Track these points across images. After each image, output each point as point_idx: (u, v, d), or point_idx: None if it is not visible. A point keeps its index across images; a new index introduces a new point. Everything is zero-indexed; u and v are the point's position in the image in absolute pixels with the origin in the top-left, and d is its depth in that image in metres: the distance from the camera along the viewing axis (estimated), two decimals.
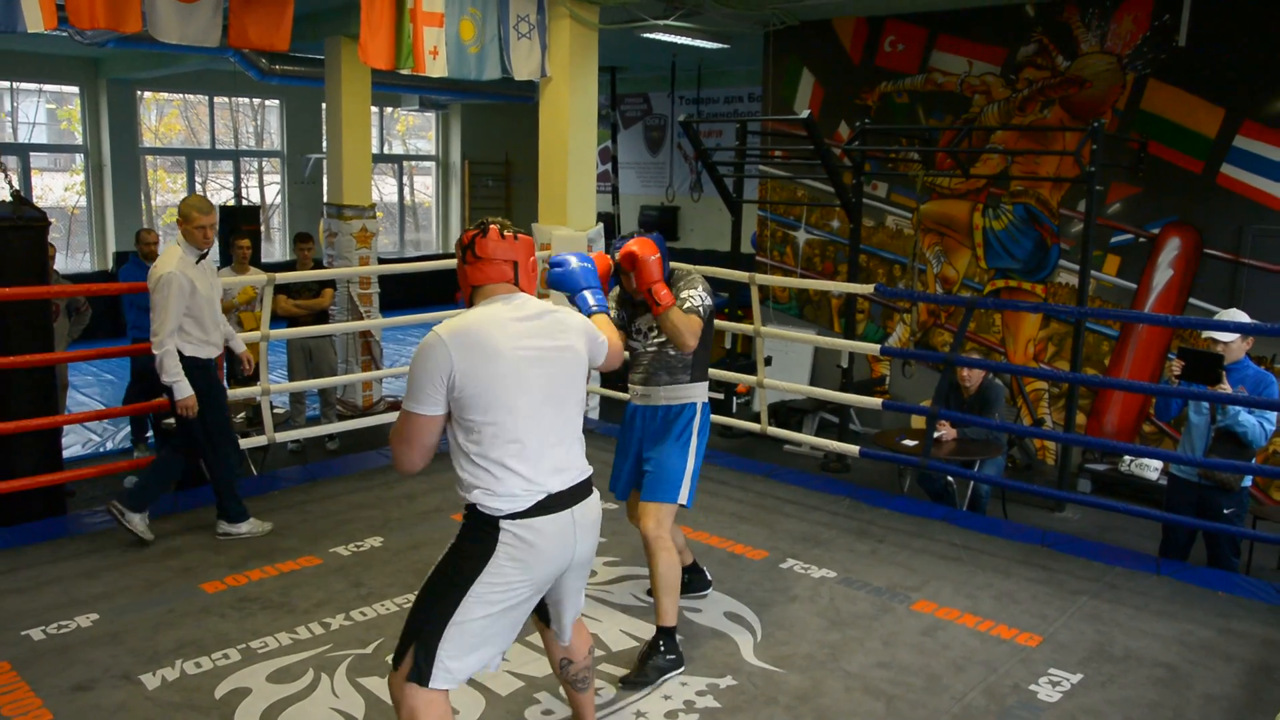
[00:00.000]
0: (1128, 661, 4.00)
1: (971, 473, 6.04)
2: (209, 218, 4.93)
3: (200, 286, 4.90)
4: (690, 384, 4.01)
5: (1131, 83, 7.60)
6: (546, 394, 2.67)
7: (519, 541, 2.60)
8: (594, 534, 2.80)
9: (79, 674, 3.73)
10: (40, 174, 13.33)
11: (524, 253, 2.76)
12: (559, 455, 2.69)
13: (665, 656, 3.77)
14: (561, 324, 2.76)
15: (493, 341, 2.59)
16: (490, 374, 2.57)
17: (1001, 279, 8.43)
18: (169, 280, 4.75)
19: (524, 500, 2.61)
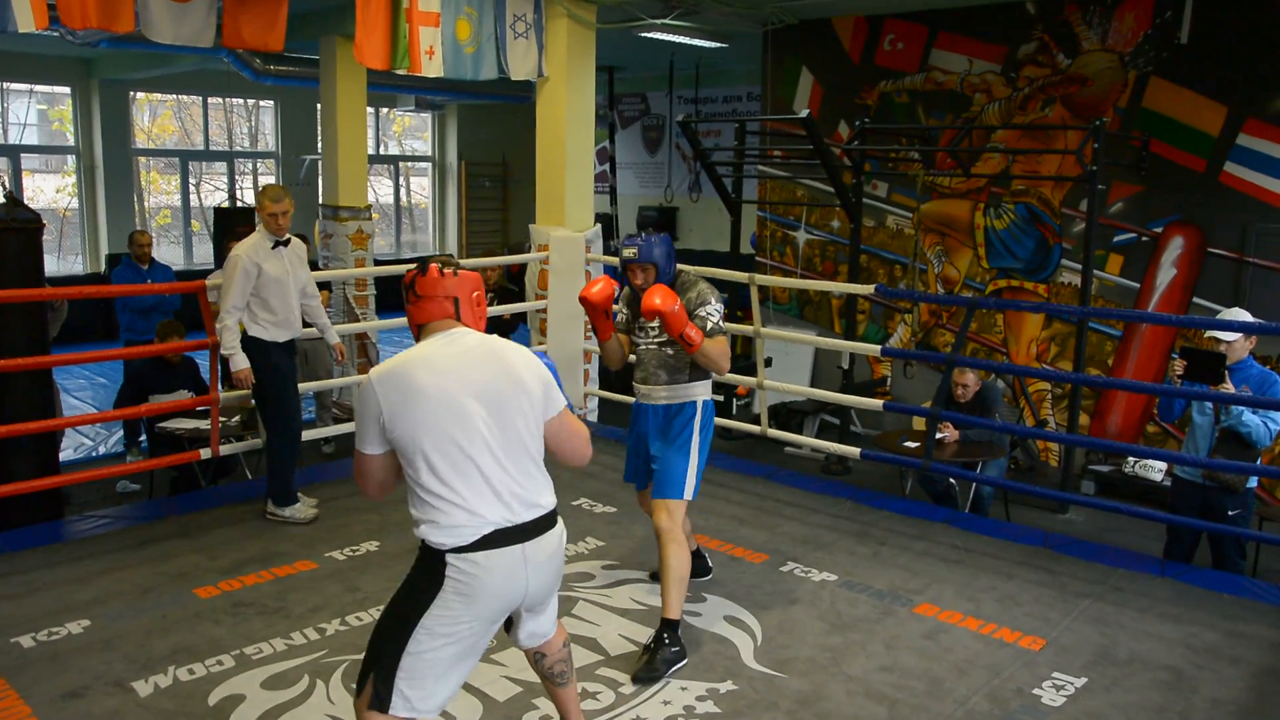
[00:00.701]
0: (1132, 665, 3.95)
1: (973, 474, 6.00)
2: (279, 205, 5.13)
3: (271, 271, 5.14)
4: (690, 383, 4.11)
5: (1133, 81, 7.56)
6: (489, 427, 2.62)
7: (464, 575, 2.58)
8: (550, 569, 2.73)
9: (70, 681, 3.68)
10: (31, 175, 13.27)
11: (466, 288, 2.77)
12: (507, 489, 2.63)
13: (670, 649, 3.81)
14: (504, 358, 2.71)
15: (417, 380, 2.59)
16: (417, 412, 2.57)
17: (1003, 279, 8.39)
18: (234, 261, 5.10)
19: (468, 534, 2.58)
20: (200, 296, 5.55)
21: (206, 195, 14.58)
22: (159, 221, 14.25)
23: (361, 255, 8.99)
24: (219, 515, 5.42)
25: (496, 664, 3.81)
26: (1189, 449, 5.09)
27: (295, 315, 5.33)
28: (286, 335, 5.29)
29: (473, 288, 2.80)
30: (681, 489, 4.00)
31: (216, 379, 5.68)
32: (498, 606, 2.65)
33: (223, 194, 14.10)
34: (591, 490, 5.91)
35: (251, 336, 5.18)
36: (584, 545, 5.06)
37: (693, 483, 4.04)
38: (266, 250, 5.17)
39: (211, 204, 13.85)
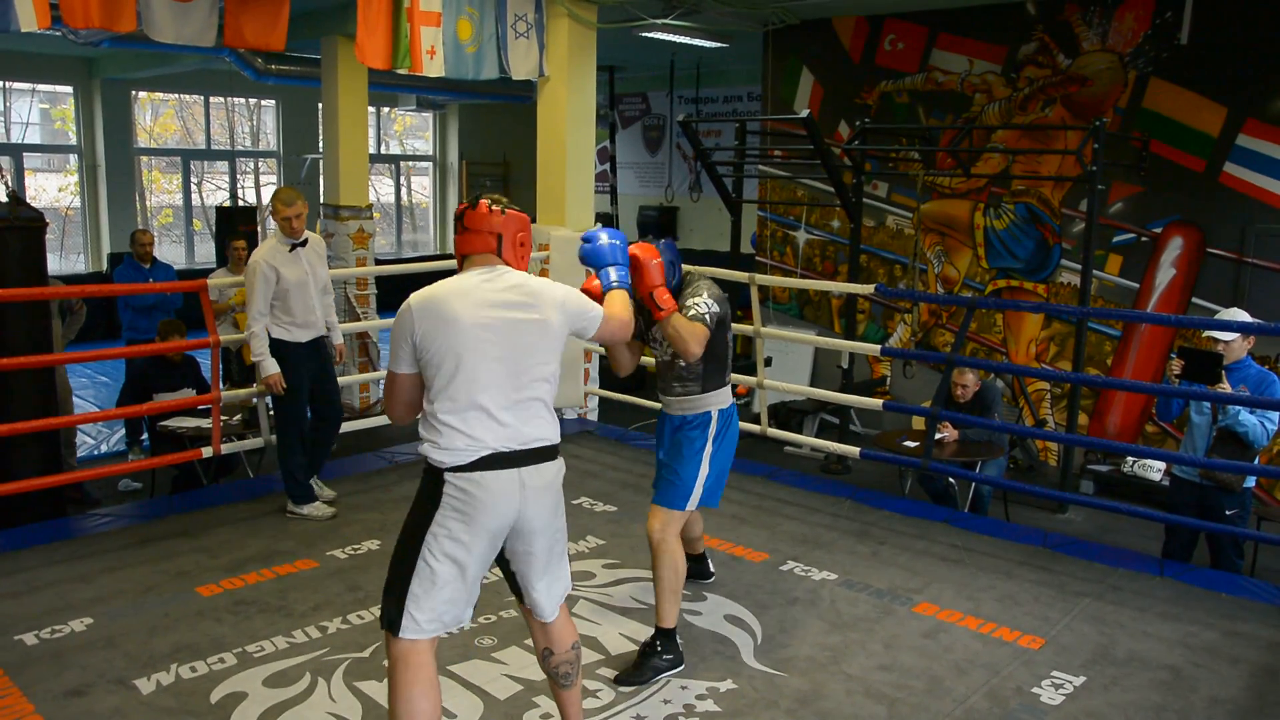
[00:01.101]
0: (1131, 664, 3.96)
1: (973, 474, 6.01)
2: (292, 209, 5.16)
3: (288, 274, 5.16)
4: (703, 394, 3.93)
5: (1133, 81, 7.57)
6: (502, 361, 2.80)
7: (461, 493, 2.75)
8: (546, 499, 2.87)
9: (73, 679, 3.69)
10: (34, 174, 13.29)
11: (511, 227, 2.93)
12: (510, 419, 2.80)
13: (663, 657, 3.76)
14: (534, 295, 2.88)
15: (451, 308, 2.78)
16: (445, 338, 2.77)
17: (1003, 279, 8.40)
18: (252, 268, 5.13)
19: (466, 455, 2.76)
20: (201, 295, 5.56)
21: (208, 194, 14.60)
22: (161, 221, 14.26)
23: (363, 254, 9.00)
24: (220, 514, 5.43)
25: (498, 662, 3.82)
26: (1187, 449, 5.10)
27: (317, 315, 5.35)
28: (308, 335, 5.32)
29: (518, 228, 2.95)
30: (682, 499, 3.85)
31: (218, 377, 5.69)
32: (496, 525, 2.79)
33: (224, 193, 14.11)
34: (592, 489, 5.92)
35: (273, 339, 5.22)
36: (585, 544, 5.08)
37: (698, 494, 3.90)
38: (284, 254, 5.19)
39: (213, 203, 13.86)
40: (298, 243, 5.24)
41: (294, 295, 5.19)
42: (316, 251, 5.40)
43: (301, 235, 5.25)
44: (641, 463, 6.47)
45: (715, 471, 3.96)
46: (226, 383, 6.78)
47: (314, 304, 5.31)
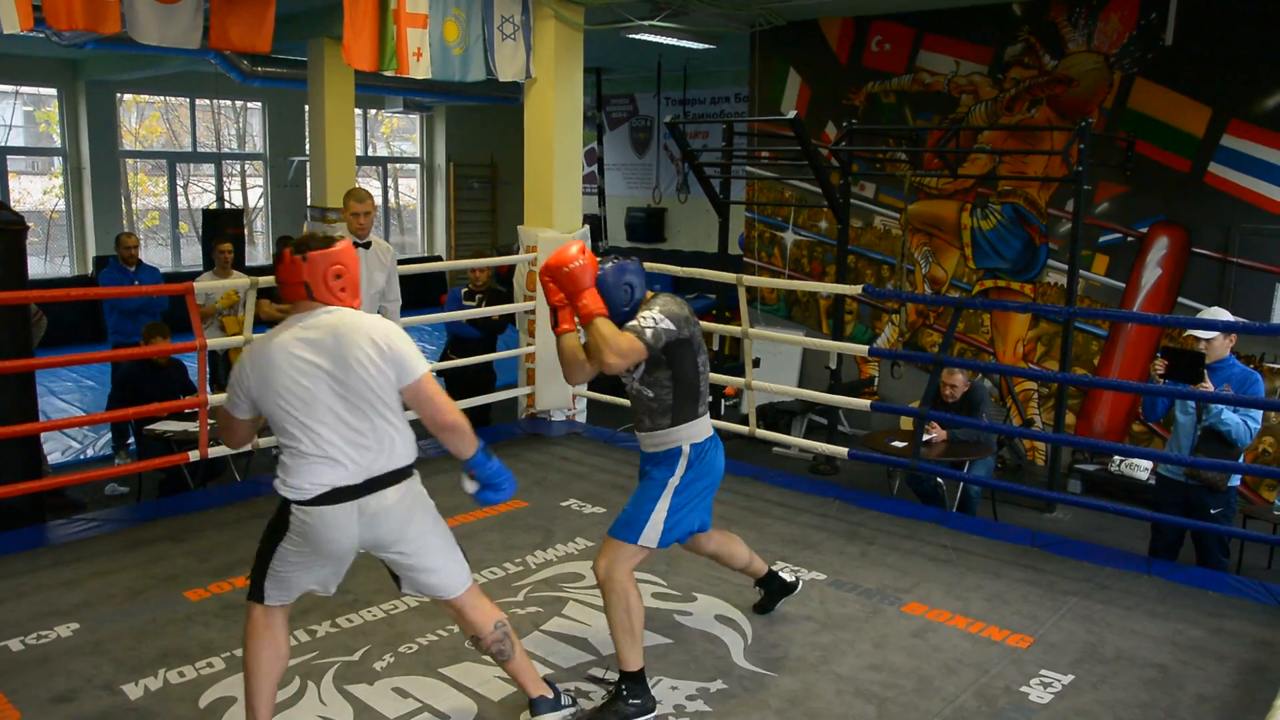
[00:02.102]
0: (1119, 662, 3.98)
1: (961, 474, 6.02)
2: (363, 205, 5.44)
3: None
4: (673, 427, 3.59)
5: (1119, 82, 7.61)
6: (328, 404, 2.98)
7: (301, 524, 3.02)
8: (390, 520, 3.06)
9: (60, 685, 3.66)
10: (18, 177, 13.21)
11: (318, 269, 3.06)
12: (346, 456, 2.99)
13: (629, 702, 3.45)
14: (346, 340, 3.00)
15: (271, 358, 2.99)
16: (267, 386, 2.99)
17: (990, 279, 8.43)
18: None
19: (307, 492, 2.99)
20: (188, 299, 5.53)
21: (194, 197, 14.54)
22: (147, 224, 14.19)
23: None
24: (208, 518, 5.41)
25: (489, 664, 3.81)
26: (1172, 448, 5.13)
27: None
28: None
29: (326, 267, 3.06)
30: (634, 533, 3.51)
31: (205, 381, 5.66)
32: (335, 550, 3.07)
33: (210, 196, 14.06)
34: (581, 492, 5.92)
35: None
36: (573, 546, 5.07)
37: (654, 531, 3.52)
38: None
39: (199, 206, 13.80)
40: (362, 243, 5.42)
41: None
42: (380, 259, 5.55)
43: (367, 235, 5.46)
44: (629, 464, 6.46)
45: (681, 510, 3.59)
46: (213, 386, 6.75)
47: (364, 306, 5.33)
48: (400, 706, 3.54)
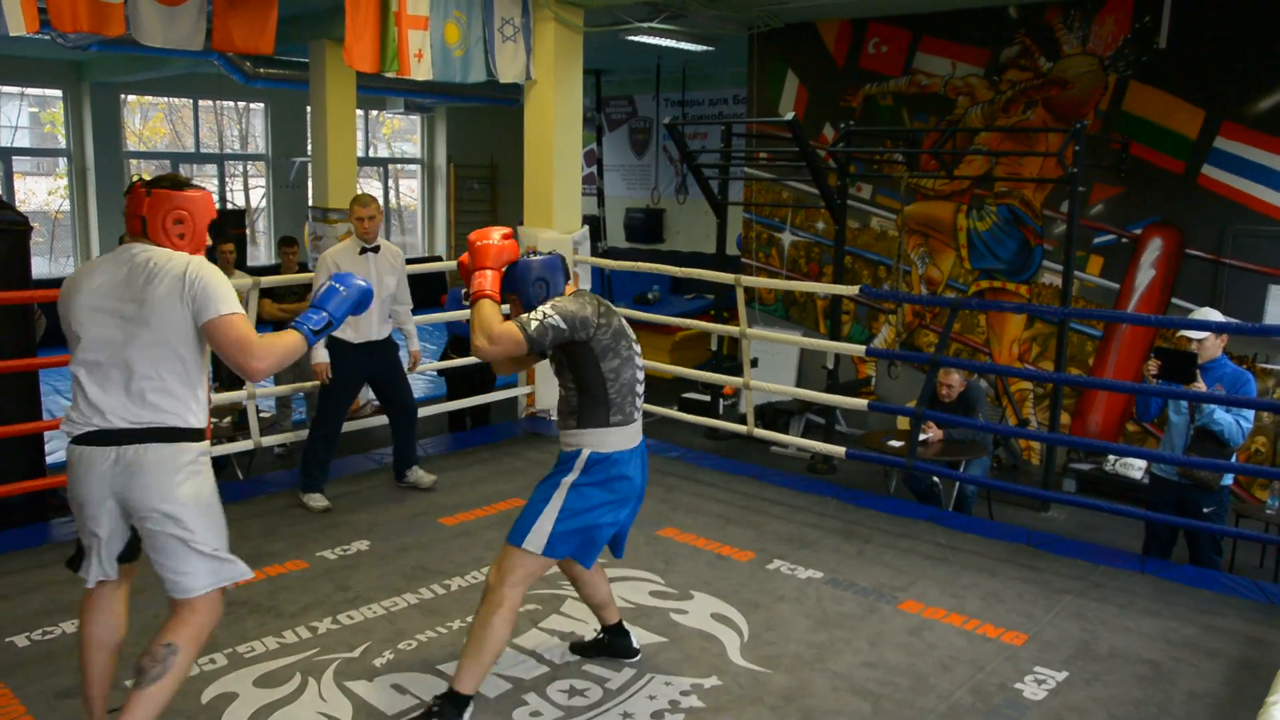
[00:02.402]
0: (1113, 659, 4.02)
1: (957, 473, 6.06)
2: (366, 210, 5.49)
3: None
4: (579, 430, 3.41)
5: (1113, 84, 7.65)
6: (113, 341, 2.93)
7: (70, 460, 3.00)
8: (149, 479, 2.96)
9: (64, 680, 3.70)
10: (23, 178, 13.25)
11: (160, 208, 2.99)
12: (116, 399, 2.93)
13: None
14: (150, 275, 2.93)
15: (78, 286, 2.97)
16: (69, 315, 2.98)
17: (986, 280, 8.47)
18: (321, 262, 5.57)
19: (77, 429, 2.96)
20: None
21: None
22: None
23: None
24: None
25: None
26: (1166, 447, 5.17)
27: (372, 320, 5.55)
28: (360, 338, 5.55)
29: (168, 209, 2.99)
30: (520, 535, 3.34)
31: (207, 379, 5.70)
32: (92, 493, 2.98)
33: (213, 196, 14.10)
34: None
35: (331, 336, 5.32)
36: None
37: (541, 538, 3.32)
38: (353, 255, 5.50)
39: None
40: (369, 247, 5.53)
41: None
42: (389, 261, 5.62)
43: (374, 239, 5.53)
44: None
45: (574, 518, 3.36)
46: (216, 384, 6.79)
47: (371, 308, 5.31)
48: (399, 703, 3.58)
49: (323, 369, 5.52)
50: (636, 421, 3.50)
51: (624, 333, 3.46)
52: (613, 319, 3.42)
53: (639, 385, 3.50)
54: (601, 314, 3.38)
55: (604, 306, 3.43)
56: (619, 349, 3.41)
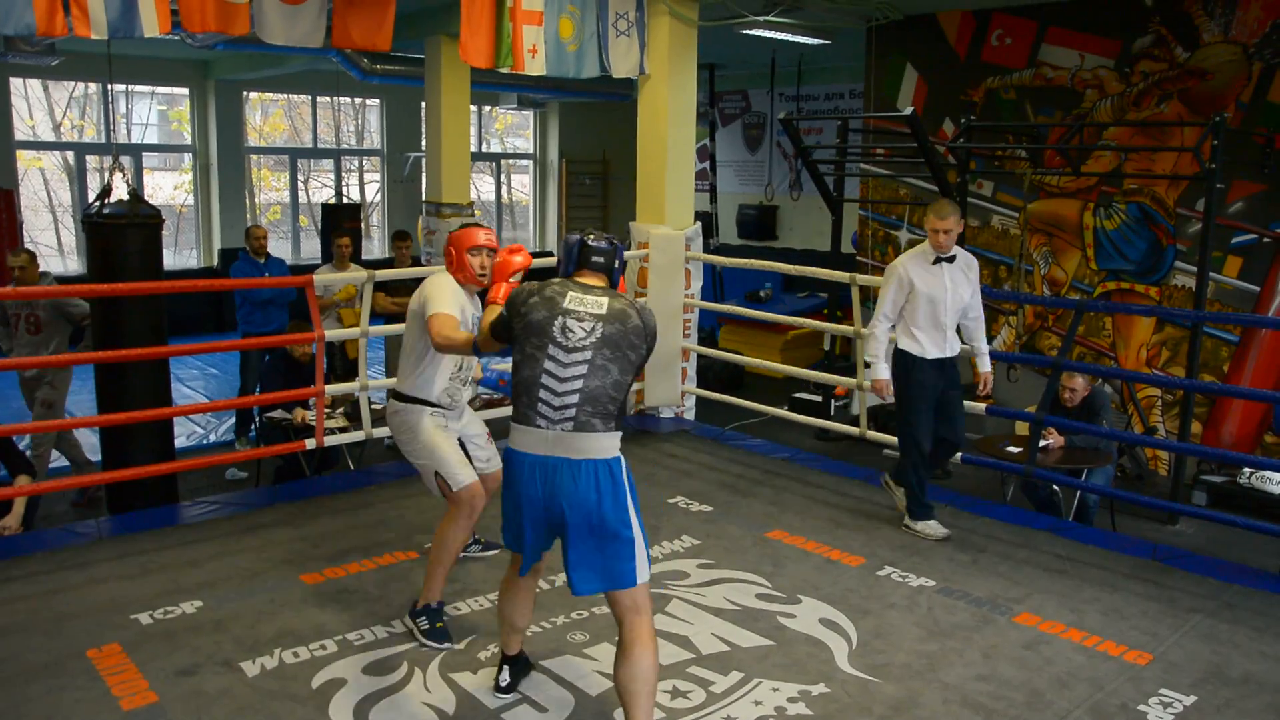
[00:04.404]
0: (1247, 685, 3.80)
1: (1078, 482, 5.84)
2: (943, 223, 4.99)
3: (921, 285, 5.06)
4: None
5: (1258, 74, 7.25)
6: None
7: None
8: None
9: (184, 659, 3.82)
10: (151, 173, 13.84)
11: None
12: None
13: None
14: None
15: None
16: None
17: (1113, 281, 8.14)
18: (890, 270, 5.20)
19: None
20: (307, 291, 5.71)
21: (314, 192, 15.00)
22: (269, 217, 14.70)
23: None
24: (323, 504, 5.56)
25: (589, 658, 3.84)
26: None
27: (946, 335, 5.14)
28: (935, 353, 5.13)
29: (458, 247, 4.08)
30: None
31: (321, 371, 5.82)
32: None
33: (330, 190, 14.46)
34: (688, 489, 5.91)
35: (899, 349, 5.17)
36: (679, 544, 5.07)
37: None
38: (925, 265, 5.08)
39: (319, 200, 14.22)
40: (944, 257, 5.09)
41: (922, 308, 5.07)
42: (963, 271, 5.14)
43: (948, 250, 5.06)
44: (738, 463, 6.44)
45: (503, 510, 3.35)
46: (330, 376, 6.94)
47: (944, 321, 5.11)
48: (501, 697, 3.59)
49: (880, 386, 5.21)
50: (539, 429, 3.14)
51: (541, 330, 3.16)
52: (536, 312, 3.18)
53: (542, 391, 3.13)
54: (530, 302, 3.21)
55: (541, 296, 3.20)
56: (525, 344, 3.19)
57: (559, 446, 3.14)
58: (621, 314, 3.20)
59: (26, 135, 12.51)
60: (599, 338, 3.16)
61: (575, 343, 3.15)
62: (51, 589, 4.42)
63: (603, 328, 3.17)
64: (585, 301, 3.22)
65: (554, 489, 3.14)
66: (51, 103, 12.88)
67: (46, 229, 13.05)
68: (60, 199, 13.07)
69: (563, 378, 3.14)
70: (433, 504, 5.58)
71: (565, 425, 3.13)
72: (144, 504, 5.52)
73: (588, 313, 3.19)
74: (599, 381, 3.14)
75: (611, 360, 3.16)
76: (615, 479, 3.17)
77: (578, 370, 3.14)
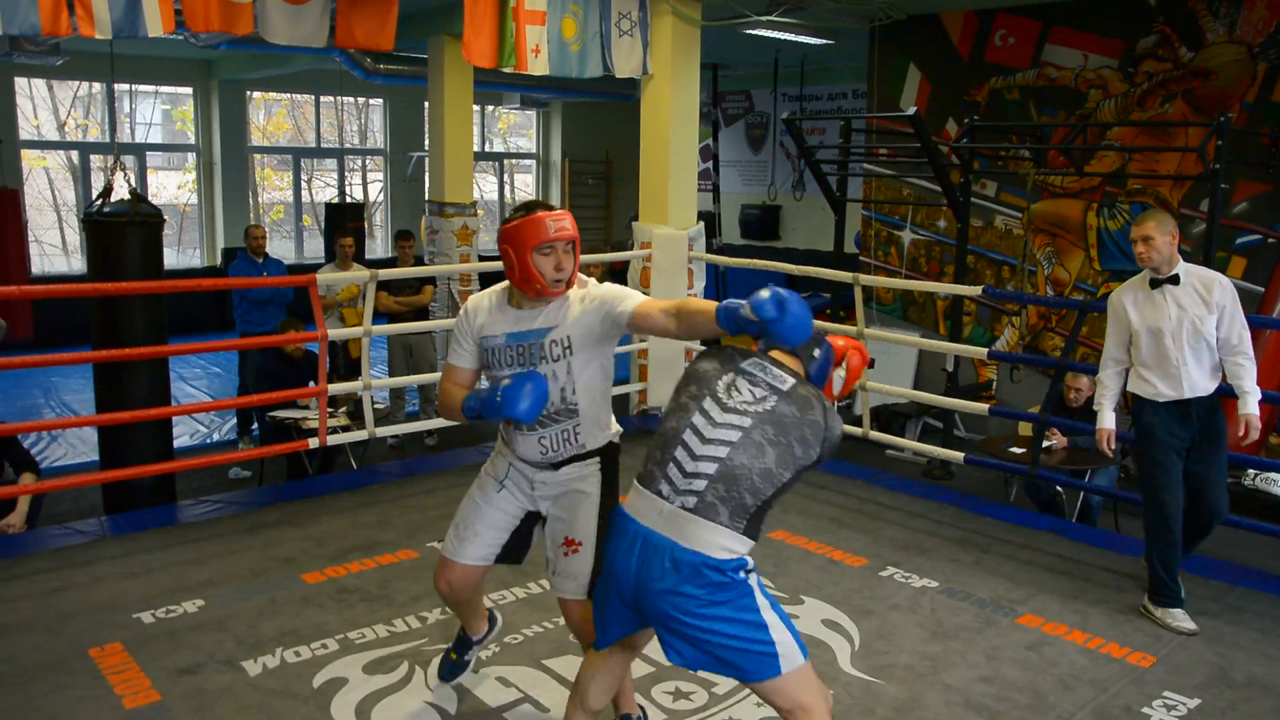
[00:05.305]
0: (1251, 688, 3.79)
1: (1082, 483, 5.83)
2: (1139, 229, 4.28)
3: (1138, 317, 4.33)
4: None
5: (1263, 74, 7.23)
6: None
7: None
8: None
9: (185, 657, 3.82)
10: (155, 172, 13.85)
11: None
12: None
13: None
14: None
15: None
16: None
17: (1116, 281, 8.11)
18: (1108, 302, 4.51)
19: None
20: (310, 290, 5.71)
21: (317, 191, 15.00)
22: (272, 217, 14.71)
23: (466, 251, 9.12)
24: (324, 504, 5.57)
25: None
26: None
27: (1184, 372, 4.23)
28: (1170, 394, 4.26)
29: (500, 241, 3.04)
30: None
31: (324, 370, 5.82)
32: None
33: (333, 190, 14.47)
34: None
35: (1131, 391, 4.44)
36: None
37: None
38: (1142, 291, 4.34)
39: (322, 200, 14.23)
40: (1163, 279, 4.24)
41: (1145, 341, 4.30)
42: (1198, 295, 4.21)
43: (1154, 264, 4.23)
44: None
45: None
46: (332, 375, 6.94)
47: (1172, 356, 4.24)
48: (502, 696, 3.59)
49: (1102, 436, 4.52)
50: (657, 496, 2.63)
51: (703, 379, 2.74)
52: (706, 361, 2.79)
53: (679, 450, 2.64)
54: (706, 353, 2.85)
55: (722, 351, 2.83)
56: (681, 392, 2.76)
57: (668, 525, 2.59)
58: (805, 401, 2.66)
59: (31, 135, 12.53)
60: (767, 410, 2.63)
61: (737, 404, 2.64)
62: (54, 587, 4.42)
63: (777, 402, 2.64)
64: (769, 371, 2.70)
65: (648, 573, 2.60)
66: (56, 102, 12.89)
67: (51, 228, 13.07)
68: (65, 198, 13.09)
69: (706, 438, 2.61)
70: (435, 503, 5.59)
71: (686, 500, 2.58)
72: (142, 504, 5.52)
73: (766, 381, 2.68)
74: (746, 460, 2.57)
75: (772, 443, 2.60)
76: (722, 588, 2.57)
77: (726, 435, 2.60)
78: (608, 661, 2.94)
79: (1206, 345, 4.23)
